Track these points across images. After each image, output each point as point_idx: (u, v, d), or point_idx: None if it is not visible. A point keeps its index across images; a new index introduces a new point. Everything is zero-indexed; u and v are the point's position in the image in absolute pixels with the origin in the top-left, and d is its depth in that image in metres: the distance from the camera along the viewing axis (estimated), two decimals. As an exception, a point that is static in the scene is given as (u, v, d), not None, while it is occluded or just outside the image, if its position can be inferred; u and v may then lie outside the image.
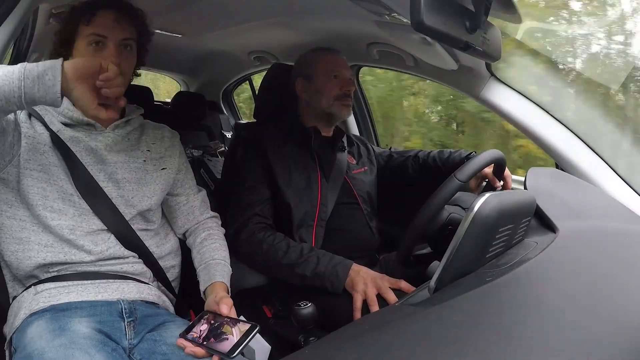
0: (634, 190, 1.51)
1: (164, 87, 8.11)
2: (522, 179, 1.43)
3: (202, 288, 1.32)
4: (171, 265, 1.40)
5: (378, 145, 2.70)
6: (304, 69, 1.83)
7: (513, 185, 1.67)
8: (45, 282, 1.21)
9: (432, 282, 0.91)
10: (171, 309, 1.38)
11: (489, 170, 1.59)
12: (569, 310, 0.75)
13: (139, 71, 1.42)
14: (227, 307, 1.15)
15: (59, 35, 1.29)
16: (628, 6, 2.39)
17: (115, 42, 1.24)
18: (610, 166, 1.55)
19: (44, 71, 0.98)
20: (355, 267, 1.46)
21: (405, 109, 4.78)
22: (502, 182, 1.60)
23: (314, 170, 1.72)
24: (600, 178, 1.52)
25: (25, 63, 0.99)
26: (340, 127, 1.90)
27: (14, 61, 2.08)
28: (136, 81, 1.45)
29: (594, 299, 0.80)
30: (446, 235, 1.34)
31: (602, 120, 1.90)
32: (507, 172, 1.61)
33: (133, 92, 1.46)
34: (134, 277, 1.29)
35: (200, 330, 1.11)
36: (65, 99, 1.26)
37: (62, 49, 1.28)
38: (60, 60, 1.00)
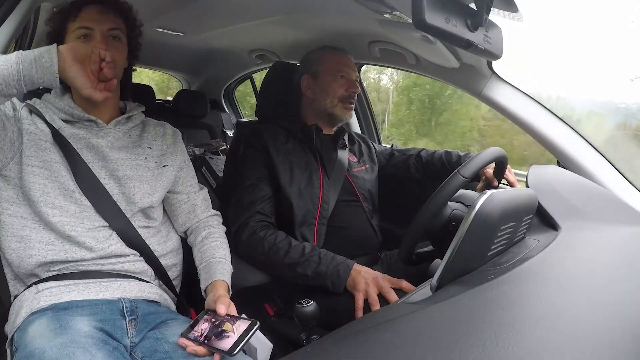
0: (635, 187, 1.51)
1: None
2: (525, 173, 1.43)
3: (202, 286, 1.32)
4: (172, 263, 1.40)
5: (380, 143, 2.70)
6: (311, 66, 1.83)
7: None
8: (47, 281, 1.21)
9: (434, 280, 0.91)
10: (172, 307, 1.38)
11: (489, 170, 1.59)
12: (570, 308, 0.75)
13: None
14: (223, 307, 1.15)
15: (50, 36, 1.33)
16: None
17: (102, 32, 1.27)
18: (612, 164, 1.55)
19: (40, 54, 1.04)
20: (357, 267, 1.46)
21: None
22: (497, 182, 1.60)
23: (315, 168, 1.71)
24: (602, 176, 1.51)
25: (21, 50, 1.04)
26: (342, 125, 1.90)
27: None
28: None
29: (596, 297, 0.80)
30: (449, 232, 1.34)
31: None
32: (509, 169, 1.61)
33: (134, 90, 1.46)
34: (135, 275, 1.29)
35: (201, 329, 1.12)
36: (66, 96, 1.29)
37: None
38: (54, 44, 1.06)
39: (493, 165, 1.55)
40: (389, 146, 2.14)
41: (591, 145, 1.58)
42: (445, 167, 1.84)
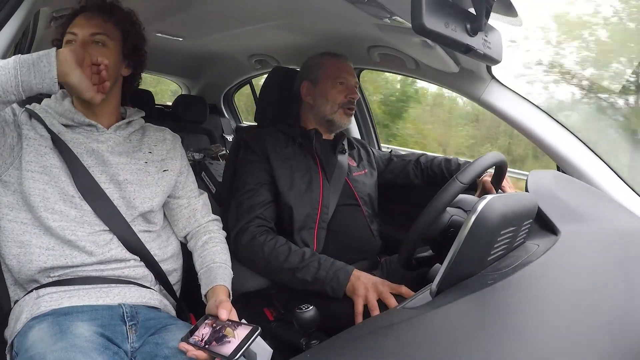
0: (634, 192, 1.51)
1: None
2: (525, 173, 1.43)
3: (203, 291, 1.32)
4: (173, 268, 1.40)
5: (379, 148, 2.70)
6: (310, 73, 1.83)
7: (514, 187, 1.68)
8: (47, 287, 1.21)
9: (434, 285, 0.91)
10: (172, 312, 1.38)
11: (487, 178, 1.59)
12: (570, 312, 0.75)
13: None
14: (225, 312, 1.14)
15: (53, 43, 1.34)
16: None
17: (83, 36, 1.27)
18: (611, 168, 1.55)
19: (39, 58, 1.02)
20: (356, 272, 1.46)
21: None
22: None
23: (315, 172, 1.72)
24: (602, 180, 1.52)
25: (19, 55, 1.03)
26: (341, 130, 1.90)
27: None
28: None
29: (596, 301, 0.80)
30: (448, 237, 1.34)
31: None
32: (506, 179, 1.60)
33: (133, 95, 1.46)
34: (135, 281, 1.29)
35: (202, 334, 1.11)
36: (66, 100, 1.29)
37: None
38: (53, 48, 1.05)
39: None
40: (388, 151, 2.14)
41: (591, 149, 1.58)
42: (444, 175, 1.85)
